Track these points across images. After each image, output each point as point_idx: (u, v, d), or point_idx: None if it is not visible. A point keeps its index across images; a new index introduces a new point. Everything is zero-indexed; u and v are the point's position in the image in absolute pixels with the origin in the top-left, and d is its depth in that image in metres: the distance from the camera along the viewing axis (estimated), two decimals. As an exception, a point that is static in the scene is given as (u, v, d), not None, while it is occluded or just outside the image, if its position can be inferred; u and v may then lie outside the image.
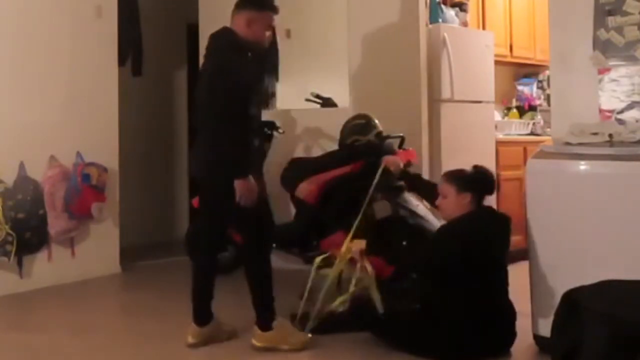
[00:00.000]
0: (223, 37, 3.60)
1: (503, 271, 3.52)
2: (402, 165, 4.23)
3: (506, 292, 3.52)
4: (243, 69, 3.54)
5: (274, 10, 3.66)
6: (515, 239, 5.33)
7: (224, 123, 3.43)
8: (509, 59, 6.37)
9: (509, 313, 3.50)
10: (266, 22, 3.61)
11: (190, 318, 3.71)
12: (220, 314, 3.76)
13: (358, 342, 3.64)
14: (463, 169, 3.70)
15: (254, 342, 3.59)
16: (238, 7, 3.61)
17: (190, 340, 3.69)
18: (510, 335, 3.49)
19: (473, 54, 5.48)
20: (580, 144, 3.48)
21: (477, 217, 3.56)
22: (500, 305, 3.47)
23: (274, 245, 4.80)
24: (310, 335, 3.62)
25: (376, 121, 4.56)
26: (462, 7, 5.68)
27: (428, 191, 4.07)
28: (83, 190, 5.10)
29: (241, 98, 3.48)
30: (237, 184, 3.43)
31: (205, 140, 3.61)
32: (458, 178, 3.63)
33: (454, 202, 3.59)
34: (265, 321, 3.58)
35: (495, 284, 3.47)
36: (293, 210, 4.91)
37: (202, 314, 3.69)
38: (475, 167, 3.71)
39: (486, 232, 3.52)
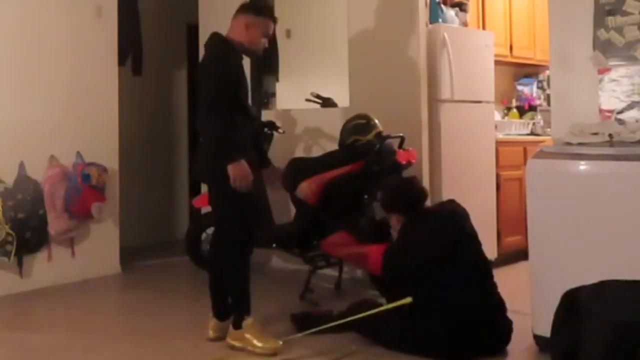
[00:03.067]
0: (213, 38, 3.73)
1: (479, 266, 3.54)
2: None
3: (486, 288, 3.53)
4: (228, 62, 3.61)
5: (273, 19, 3.80)
6: (515, 239, 5.37)
7: (213, 112, 3.48)
8: (509, 59, 6.36)
9: (497, 307, 3.51)
10: (264, 29, 3.72)
11: (194, 317, 3.72)
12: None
13: (357, 343, 3.63)
14: (389, 189, 3.82)
15: (227, 338, 3.64)
16: (239, 10, 3.74)
17: (212, 334, 3.74)
18: (503, 330, 3.50)
19: (473, 54, 5.48)
20: (580, 144, 3.48)
21: (409, 227, 3.62)
22: (485, 301, 3.47)
23: (273, 245, 4.84)
24: (281, 342, 3.57)
25: (376, 121, 4.56)
26: (462, 7, 5.68)
27: None
28: (83, 190, 5.10)
29: (228, 89, 3.54)
30: (230, 168, 3.46)
31: (204, 141, 3.67)
32: (384, 202, 3.80)
33: (394, 224, 3.74)
34: (235, 318, 3.62)
35: (474, 280, 3.48)
36: (293, 210, 4.91)
37: (221, 309, 3.73)
38: (398, 182, 3.78)
39: (430, 232, 3.55)
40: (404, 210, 3.67)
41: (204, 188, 5.09)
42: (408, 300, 3.48)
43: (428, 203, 3.81)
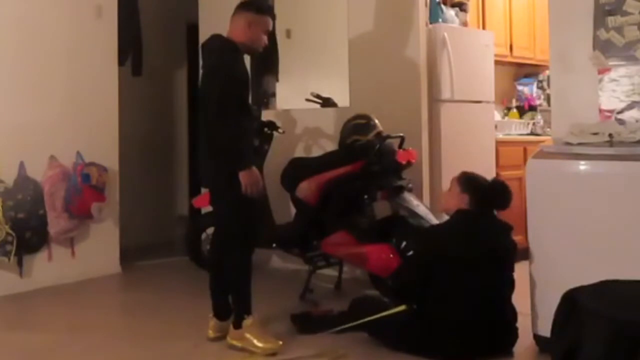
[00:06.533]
0: (213, 41, 3.73)
1: (502, 274, 3.52)
2: None
3: (504, 295, 3.51)
4: (235, 66, 3.62)
5: (272, 15, 3.84)
6: (516, 239, 5.36)
7: (221, 118, 3.49)
8: (509, 59, 6.37)
9: (508, 315, 3.50)
10: (265, 26, 3.74)
11: (194, 317, 3.71)
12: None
13: (357, 343, 3.63)
14: (483, 177, 3.73)
15: (227, 338, 3.64)
16: (239, 9, 3.74)
17: (212, 334, 3.74)
18: (507, 337, 3.50)
19: (473, 54, 5.48)
20: (580, 144, 3.48)
21: (463, 217, 3.58)
22: (497, 306, 3.47)
23: (273, 245, 4.84)
24: (281, 342, 3.57)
25: (376, 121, 4.56)
26: (462, 7, 5.68)
27: None
28: (83, 190, 5.10)
29: (236, 93, 3.55)
30: (242, 175, 3.49)
31: (207, 146, 3.67)
32: (468, 180, 3.66)
33: (454, 198, 3.64)
34: (235, 318, 3.62)
35: (492, 286, 3.46)
36: (293, 210, 4.91)
37: (222, 309, 3.74)
38: (494, 179, 3.73)
39: (470, 234, 3.51)
40: (473, 199, 3.59)
41: (205, 188, 5.08)
42: (403, 307, 3.49)
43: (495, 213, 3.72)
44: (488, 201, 3.62)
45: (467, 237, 3.50)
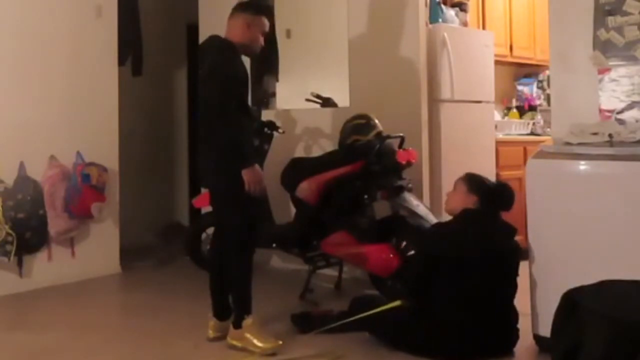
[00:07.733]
0: (211, 41, 3.75)
1: (506, 276, 3.52)
2: None
3: (506, 296, 3.52)
4: (234, 65, 3.63)
5: (270, 16, 3.87)
6: (516, 239, 5.34)
7: (222, 118, 3.49)
8: (509, 59, 6.37)
9: (509, 316, 3.50)
10: (263, 27, 3.77)
11: (194, 317, 3.71)
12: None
13: (357, 343, 3.63)
14: (487, 178, 3.74)
15: (227, 338, 3.65)
16: (237, 10, 3.76)
17: (212, 334, 3.75)
18: (508, 337, 3.50)
19: (473, 54, 5.48)
20: (580, 144, 3.48)
21: (471, 217, 3.58)
22: (499, 307, 3.47)
23: (273, 245, 4.84)
24: (281, 342, 3.57)
25: (376, 121, 4.56)
26: (462, 7, 5.68)
27: None
28: (83, 190, 5.10)
29: (235, 93, 3.56)
30: (245, 173, 3.50)
31: (207, 146, 3.67)
32: (475, 181, 3.67)
33: (460, 199, 3.64)
34: (235, 318, 3.63)
35: (495, 286, 3.46)
36: (293, 210, 4.91)
37: (221, 309, 3.74)
38: (499, 181, 3.75)
39: (477, 234, 3.51)
40: (481, 199, 3.59)
41: (204, 188, 5.08)
42: (397, 303, 3.49)
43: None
44: (495, 202, 3.62)
45: (474, 237, 3.50)
